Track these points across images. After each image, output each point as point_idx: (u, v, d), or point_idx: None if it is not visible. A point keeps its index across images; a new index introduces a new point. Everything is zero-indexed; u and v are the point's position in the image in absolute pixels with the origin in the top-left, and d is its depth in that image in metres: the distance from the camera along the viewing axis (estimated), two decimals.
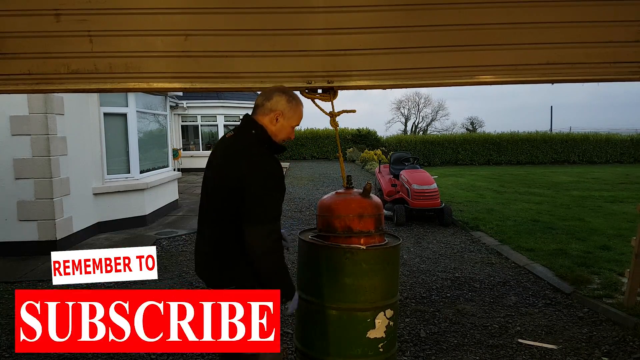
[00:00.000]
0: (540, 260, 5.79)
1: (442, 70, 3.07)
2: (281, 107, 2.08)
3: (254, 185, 1.91)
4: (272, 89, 2.16)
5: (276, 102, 2.08)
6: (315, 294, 2.42)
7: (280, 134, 2.12)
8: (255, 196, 1.91)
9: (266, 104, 2.09)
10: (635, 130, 27.47)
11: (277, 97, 2.09)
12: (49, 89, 3.17)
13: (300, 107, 2.16)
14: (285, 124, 2.11)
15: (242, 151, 2.00)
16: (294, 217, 9.15)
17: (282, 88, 2.17)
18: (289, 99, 2.11)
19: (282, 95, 2.10)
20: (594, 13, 2.94)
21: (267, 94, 2.12)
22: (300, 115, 2.16)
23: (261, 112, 2.09)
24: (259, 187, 1.91)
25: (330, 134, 26.18)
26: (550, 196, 11.61)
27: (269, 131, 2.08)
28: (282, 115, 2.09)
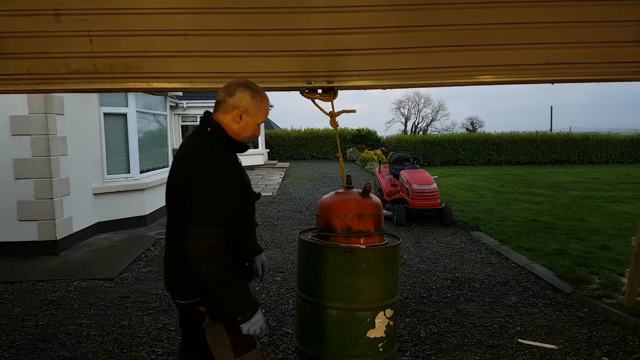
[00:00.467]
0: (540, 260, 5.79)
1: (442, 70, 3.07)
2: (245, 103, 1.91)
3: (196, 185, 1.77)
4: (234, 83, 1.95)
5: (239, 98, 1.90)
6: (315, 293, 2.42)
7: (243, 132, 1.96)
8: (196, 197, 1.76)
9: (228, 100, 1.91)
10: (635, 130, 27.45)
11: (240, 92, 1.91)
12: (49, 89, 3.17)
13: (265, 102, 1.98)
14: (250, 122, 1.95)
15: (191, 151, 1.87)
16: (294, 217, 9.15)
17: (246, 82, 1.96)
18: (253, 94, 1.92)
19: (246, 90, 1.91)
20: (594, 13, 2.94)
21: (229, 88, 1.93)
22: (266, 112, 2.00)
23: (222, 109, 1.93)
24: (200, 187, 1.76)
25: (330, 134, 26.18)
26: (550, 196, 11.61)
27: (229, 129, 1.92)
28: (247, 112, 1.92)
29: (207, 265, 1.72)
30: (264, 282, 5.17)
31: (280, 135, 27.22)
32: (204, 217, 1.73)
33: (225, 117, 1.92)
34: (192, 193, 1.77)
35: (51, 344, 3.69)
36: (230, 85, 1.94)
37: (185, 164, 1.84)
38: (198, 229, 1.72)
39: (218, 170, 1.80)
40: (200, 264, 1.73)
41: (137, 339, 3.77)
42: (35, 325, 4.07)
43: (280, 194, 12.38)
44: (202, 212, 1.74)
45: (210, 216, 1.73)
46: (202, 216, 1.73)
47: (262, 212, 9.57)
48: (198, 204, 1.75)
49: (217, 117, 1.93)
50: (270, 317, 4.22)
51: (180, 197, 1.83)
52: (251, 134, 1.99)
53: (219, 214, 1.75)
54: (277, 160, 25.38)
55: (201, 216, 1.73)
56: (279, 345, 3.66)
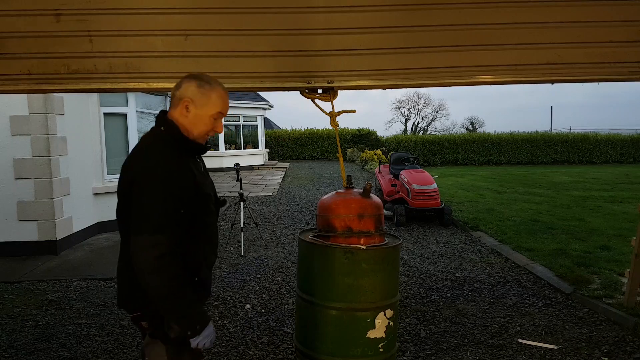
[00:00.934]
0: (540, 260, 5.79)
1: (442, 70, 3.07)
2: (190, 93, 1.73)
3: (139, 188, 1.61)
4: (182, 77, 1.80)
5: (185, 90, 1.74)
6: (315, 294, 2.42)
7: (195, 128, 1.76)
8: (138, 201, 1.61)
9: (176, 93, 1.76)
10: (635, 130, 27.44)
11: (186, 83, 1.76)
12: (49, 89, 3.16)
13: (215, 91, 1.77)
14: (200, 114, 1.74)
15: (138, 152, 1.73)
16: (294, 217, 9.15)
17: (195, 74, 1.80)
18: (199, 82, 1.75)
19: (192, 81, 1.76)
20: (594, 13, 2.94)
21: (178, 83, 1.79)
22: (218, 102, 1.77)
23: (173, 104, 1.78)
24: (142, 191, 1.61)
25: (330, 134, 26.18)
26: (550, 196, 11.61)
27: (181, 127, 1.75)
28: (192, 102, 1.73)
29: (151, 276, 1.57)
30: (263, 282, 5.17)
31: (280, 135, 27.21)
32: (150, 223, 1.58)
33: (174, 113, 1.76)
34: (135, 197, 1.62)
35: (51, 344, 3.69)
36: (184, 77, 1.80)
37: (130, 167, 1.70)
38: (140, 237, 1.57)
39: (162, 172, 1.62)
40: (143, 275, 1.58)
41: (137, 339, 3.77)
42: (35, 325, 4.07)
43: (280, 194, 12.38)
44: (144, 219, 1.58)
45: (153, 223, 1.58)
46: (144, 223, 1.58)
47: (262, 212, 9.57)
48: (141, 210, 1.60)
49: (171, 114, 1.78)
50: (270, 317, 4.22)
51: (123, 204, 1.71)
52: (205, 129, 1.78)
53: (164, 221, 1.59)
54: (277, 160, 25.38)
55: (143, 223, 1.58)
56: (279, 345, 3.66)
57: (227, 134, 20.11)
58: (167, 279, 1.58)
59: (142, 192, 1.61)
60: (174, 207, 1.63)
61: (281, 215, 9.27)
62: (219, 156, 19.30)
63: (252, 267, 5.77)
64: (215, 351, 3.57)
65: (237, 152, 19.81)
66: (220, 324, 4.08)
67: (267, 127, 27.57)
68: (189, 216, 1.70)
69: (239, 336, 3.83)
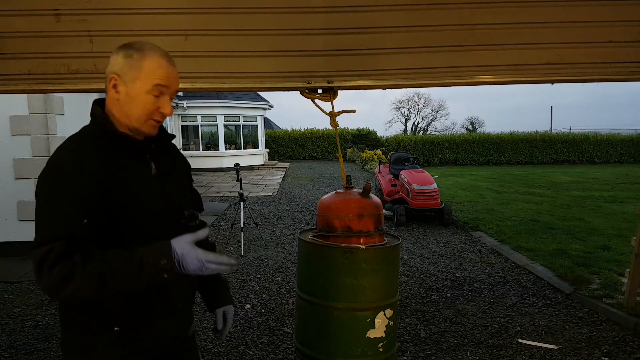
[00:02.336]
0: (540, 260, 5.80)
1: (442, 70, 3.07)
2: (116, 67, 1.32)
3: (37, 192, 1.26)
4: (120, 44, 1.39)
5: (111, 65, 1.34)
6: (315, 293, 2.42)
7: (132, 111, 1.32)
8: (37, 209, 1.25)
9: (107, 71, 1.35)
10: (635, 130, 27.44)
11: (113, 57, 1.35)
12: (49, 89, 3.16)
13: (148, 58, 1.32)
14: (134, 91, 1.31)
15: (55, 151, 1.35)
16: (294, 217, 9.15)
17: (126, 42, 1.38)
18: (126, 52, 1.33)
19: (119, 52, 1.35)
20: (594, 13, 2.94)
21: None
22: (154, 71, 1.32)
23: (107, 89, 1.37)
24: (37, 192, 1.25)
25: (330, 134, 26.19)
26: (550, 196, 11.61)
27: (113, 114, 1.35)
28: (120, 78, 1.31)
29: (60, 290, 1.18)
30: (263, 282, 5.17)
31: (280, 135, 27.22)
32: (39, 231, 1.22)
33: (107, 97, 1.36)
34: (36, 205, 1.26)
35: (51, 344, 3.69)
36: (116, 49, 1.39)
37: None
38: (34, 249, 1.20)
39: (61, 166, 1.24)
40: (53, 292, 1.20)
41: None
42: (35, 325, 4.07)
43: (280, 194, 12.38)
44: (37, 224, 1.23)
45: (47, 228, 1.21)
46: (37, 230, 1.23)
47: (262, 212, 9.57)
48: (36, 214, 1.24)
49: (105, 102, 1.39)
50: (270, 317, 4.22)
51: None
52: (143, 111, 1.33)
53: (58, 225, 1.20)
54: (277, 160, 25.39)
55: (37, 230, 1.23)
56: (279, 345, 3.66)
57: (227, 134, 20.12)
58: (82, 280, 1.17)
59: (37, 196, 1.25)
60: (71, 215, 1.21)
61: (281, 215, 9.27)
62: (219, 156, 19.33)
63: (252, 267, 5.77)
64: (215, 351, 3.57)
65: (237, 152, 19.82)
66: None
67: (267, 127, 27.60)
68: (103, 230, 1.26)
69: (239, 336, 3.83)
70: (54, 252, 1.17)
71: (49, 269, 1.17)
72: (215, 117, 19.56)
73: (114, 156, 1.32)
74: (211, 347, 3.64)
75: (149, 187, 1.38)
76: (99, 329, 1.33)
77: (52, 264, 1.17)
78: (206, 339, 3.78)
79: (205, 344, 3.68)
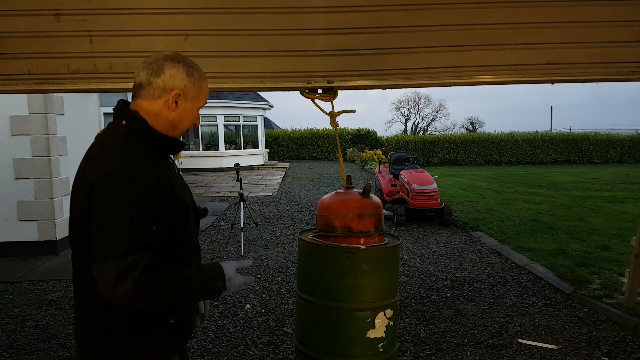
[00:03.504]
0: (540, 260, 5.79)
1: (442, 70, 3.07)
2: (180, 83, 1.40)
3: (102, 201, 1.26)
4: (158, 58, 1.41)
5: (172, 78, 1.39)
6: (315, 293, 2.42)
7: (181, 123, 1.45)
8: (102, 219, 1.25)
9: (156, 81, 1.39)
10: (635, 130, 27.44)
11: (170, 69, 1.40)
12: (49, 89, 3.17)
13: (205, 80, 1.48)
14: (190, 107, 1.44)
15: (93, 156, 1.37)
16: (294, 217, 9.15)
17: (173, 54, 1.43)
18: (189, 70, 1.42)
19: (179, 66, 1.41)
20: (594, 13, 2.94)
21: (153, 66, 1.40)
22: (207, 92, 1.50)
23: (148, 94, 1.40)
24: (108, 204, 1.25)
25: (330, 134, 26.19)
26: (550, 196, 11.61)
27: (159, 120, 1.41)
28: (184, 95, 1.41)
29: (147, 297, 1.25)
30: (263, 282, 5.17)
31: (280, 135, 27.22)
32: (115, 246, 1.22)
33: (153, 105, 1.40)
34: (96, 214, 1.27)
35: (51, 344, 3.69)
36: (153, 61, 1.41)
37: (87, 172, 1.34)
38: (108, 264, 1.21)
39: (127, 177, 1.27)
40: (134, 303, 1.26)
41: None
42: (35, 325, 4.07)
43: (280, 194, 12.38)
44: (113, 239, 1.23)
45: (126, 244, 1.23)
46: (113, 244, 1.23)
47: (262, 212, 9.57)
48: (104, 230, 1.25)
49: (140, 105, 1.42)
50: (270, 317, 4.22)
51: (80, 220, 1.33)
52: (190, 123, 1.49)
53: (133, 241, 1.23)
54: (277, 160, 25.39)
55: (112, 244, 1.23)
56: (279, 345, 3.66)
57: (227, 134, 20.12)
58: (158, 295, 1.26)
59: (105, 205, 1.25)
60: (147, 221, 1.27)
61: (281, 215, 9.27)
62: (219, 156, 19.33)
63: (252, 267, 5.77)
64: (215, 351, 3.57)
65: (237, 152, 19.83)
66: (220, 324, 4.08)
67: (267, 127, 27.60)
68: (164, 234, 1.34)
69: (239, 336, 3.83)
70: (141, 264, 1.22)
71: (134, 280, 1.21)
72: (215, 117, 19.56)
73: (160, 158, 1.44)
74: (211, 347, 3.64)
75: (181, 186, 1.52)
76: (154, 324, 1.40)
77: (138, 275, 1.21)
78: (206, 339, 3.78)
79: (205, 344, 3.68)
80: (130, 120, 1.40)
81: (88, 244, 1.29)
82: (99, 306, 1.34)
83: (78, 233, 1.36)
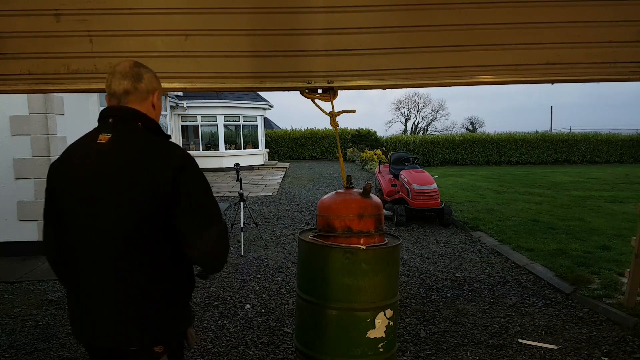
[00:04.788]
0: (540, 260, 5.79)
1: (442, 70, 3.07)
2: (156, 84, 1.69)
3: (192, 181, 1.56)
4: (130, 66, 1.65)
5: (150, 81, 1.66)
6: (315, 293, 2.42)
7: (158, 118, 1.74)
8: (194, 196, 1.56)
9: (140, 86, 1.63)
10: (636, 130, 27.43)
11: (146, 74, 1.66)
12: (49, 89, 3.16)
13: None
14: (159, 103, 1.74)
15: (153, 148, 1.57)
16: (294, 217, 9.15)
17: (137, 61, 1.69)
18: (154, 72, 1.72)
19: (148, 70, 1.68)
20: (594, 13, 2.94)
21: (131, 73, 1.63)
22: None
23: (137, 98, 1.63)
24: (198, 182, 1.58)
25: (330, 134, 26.18)
26: (550, 196, 11.61)
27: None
28: (159, 93, 1.72)
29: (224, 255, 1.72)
30: (263, 282, 5.17)
31: (280, 135, 27.22)
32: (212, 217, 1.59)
33: (142, 107, 1.65)
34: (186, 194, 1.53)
35: (51, 344, 3.69)
36: (129, 70, 1.64)
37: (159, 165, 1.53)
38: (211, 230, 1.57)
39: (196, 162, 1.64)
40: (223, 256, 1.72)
41: None
42: (35, 325, 4.07)
43: (280, 194, 12.38)
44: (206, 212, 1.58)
45: (216, 213, 1.63)
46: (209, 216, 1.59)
47: (262, 212, 9.57)
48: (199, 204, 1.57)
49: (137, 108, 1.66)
50: (270, 317, 4.22)
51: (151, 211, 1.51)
52: (159, 117, 1.79)
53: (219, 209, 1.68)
54: (277, 160, 25.39)
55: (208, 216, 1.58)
56: (279, 345, 3.66)
57: (227, 134, 20.13)
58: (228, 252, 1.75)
59: (194, 187, 1.55)
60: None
61: (281, 215, 9.27)
62: (219, 156, 19.32)
63: (252, 267, 5.77)
64: (215, 351, 3.57)
65: (237, 152, 19.82)
66: (220, 324, 4.08)
67: (267, 127, 27.60)
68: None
69: (239, 336, 3.83)
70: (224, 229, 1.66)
71: (227, 238, 1.70)
72: (215, 117, 19.56)
73: None
74: (211, 347, 3.64)
75: None
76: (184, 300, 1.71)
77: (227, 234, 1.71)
78: (206, 339, 3.78)
79: (205, 344, 3.68)
80: (146, 122, 1.63)
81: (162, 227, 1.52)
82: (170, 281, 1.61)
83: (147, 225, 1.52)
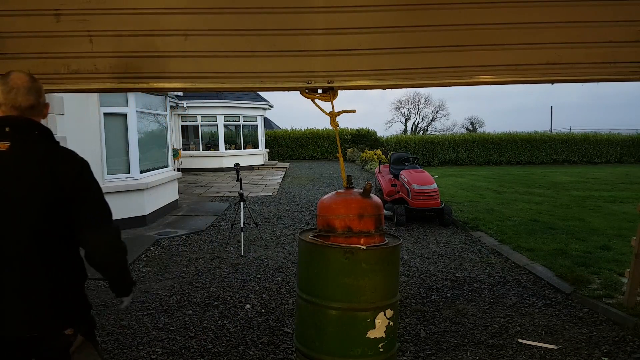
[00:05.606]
0: (540, 260, 5.79)
1: (442, 70, 3.07)
2: (45, 97, 1.85)
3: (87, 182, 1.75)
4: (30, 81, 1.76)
5: (44, 96, 1.83)
6: (315, 294, 2.42)
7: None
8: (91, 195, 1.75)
9: (40, 101, 1.80)
10: (636, 130, 27.44)
11: (42, 88, 1.82)
12: (49, 89, 3.14)
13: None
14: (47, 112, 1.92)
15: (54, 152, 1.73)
16: (294, 217, 9.15)
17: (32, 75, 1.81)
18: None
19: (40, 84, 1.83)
20: (594, 13, 2.94)
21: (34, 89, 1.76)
22: None
23: (38, 112, 1.79)
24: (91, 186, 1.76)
25: (330, 134, 26.19)
26: (550, 196, 11.61)
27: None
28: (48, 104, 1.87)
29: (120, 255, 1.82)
30: (263, 282, 5.17)
31: (280, 135, 27.22)
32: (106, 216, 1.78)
33: (39, 119, 1.81)
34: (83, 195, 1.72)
35: None
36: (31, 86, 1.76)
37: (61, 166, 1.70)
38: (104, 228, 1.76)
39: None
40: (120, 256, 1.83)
41: (137, 339, 3.77)
42: None
43: (280, 194, 12.38)
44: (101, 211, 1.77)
45: (109, 213, 1.81)
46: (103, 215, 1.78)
47: (262, 212, 9.57)
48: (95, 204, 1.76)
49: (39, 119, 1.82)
50: (270, 317, 4.22)
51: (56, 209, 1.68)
52: None
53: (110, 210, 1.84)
54: (277, 160, 25.39)
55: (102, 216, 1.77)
56: (279, 345, 3.66)
57: (227, 134, 20.13)
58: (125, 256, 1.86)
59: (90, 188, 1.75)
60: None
61: (281, 215, 9.27)
62: (219, 156, 19.33)
63: (252, 267, 5.77)
64: (215, 351, 3.57)
65: (237, 152, 19.82)
66: (220, 324, 4.08)
67: (267, 127, 27.60)
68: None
69: (239, 336, 3.83)
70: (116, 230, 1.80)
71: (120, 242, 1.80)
72: (215, 117, 19.56)
73: None
74: (211, 347, 3.64)
75: None
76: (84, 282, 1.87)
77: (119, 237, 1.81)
78: (206, 339, 3.78)
79: (205, 344, 3.68)
80: (42, 131, 1.77)
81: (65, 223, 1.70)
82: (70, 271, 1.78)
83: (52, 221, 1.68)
